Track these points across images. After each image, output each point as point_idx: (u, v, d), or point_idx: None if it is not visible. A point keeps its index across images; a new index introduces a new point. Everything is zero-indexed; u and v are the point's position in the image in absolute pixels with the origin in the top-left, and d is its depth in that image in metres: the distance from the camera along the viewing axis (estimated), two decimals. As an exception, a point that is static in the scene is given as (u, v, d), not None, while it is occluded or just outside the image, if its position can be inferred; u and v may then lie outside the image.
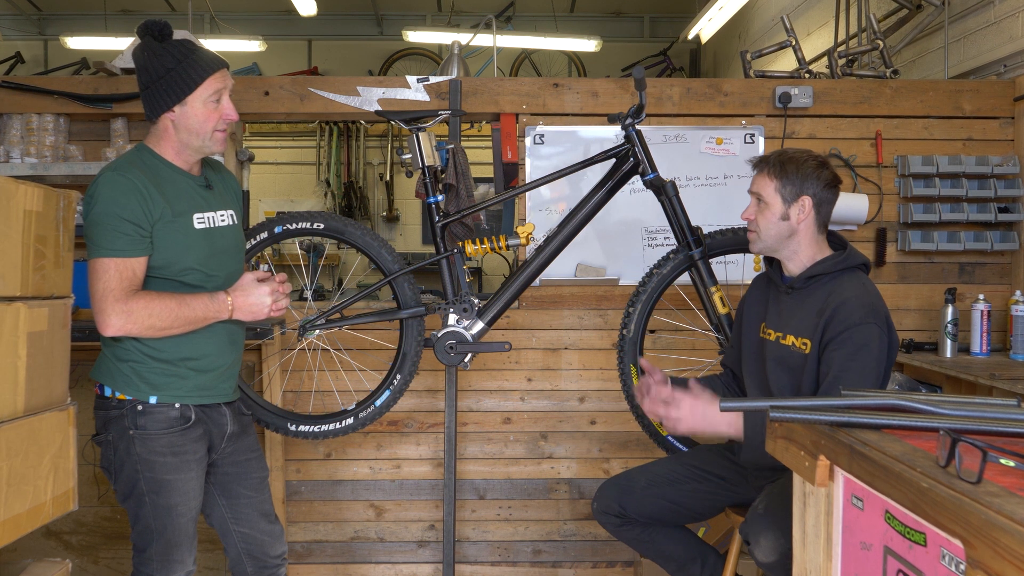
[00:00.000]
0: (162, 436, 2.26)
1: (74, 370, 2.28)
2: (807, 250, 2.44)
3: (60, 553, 3.53)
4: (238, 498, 2.49)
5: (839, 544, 1.50)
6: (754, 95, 3.68)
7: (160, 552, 2.30)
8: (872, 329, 2.25)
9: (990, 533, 1.04)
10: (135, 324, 2.17)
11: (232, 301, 2.29)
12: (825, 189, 2.41)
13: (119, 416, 2.26)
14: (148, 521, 2.29)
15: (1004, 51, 3.69)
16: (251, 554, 2.52)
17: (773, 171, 2.42)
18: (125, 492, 2.30)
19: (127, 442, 2.25)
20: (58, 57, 8.55)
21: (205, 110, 2.28)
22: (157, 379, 2.26)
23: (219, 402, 2.40)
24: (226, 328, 2.36)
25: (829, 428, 1.51)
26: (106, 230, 2.16)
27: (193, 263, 2.28)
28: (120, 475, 2.29)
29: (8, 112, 3.61)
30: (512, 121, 3.67)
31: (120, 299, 2.15)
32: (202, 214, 2.32)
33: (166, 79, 2.24)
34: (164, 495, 2.27)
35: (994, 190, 3.61)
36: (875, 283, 2.41)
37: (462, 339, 2.96)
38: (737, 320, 2.72)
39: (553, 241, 2.95)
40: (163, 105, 2.27)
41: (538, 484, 3.69)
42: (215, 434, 2.39)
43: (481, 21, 5.61)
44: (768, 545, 2.18)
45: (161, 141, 2.31)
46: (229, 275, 2.38)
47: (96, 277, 2.17)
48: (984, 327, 3.39)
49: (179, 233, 2.25)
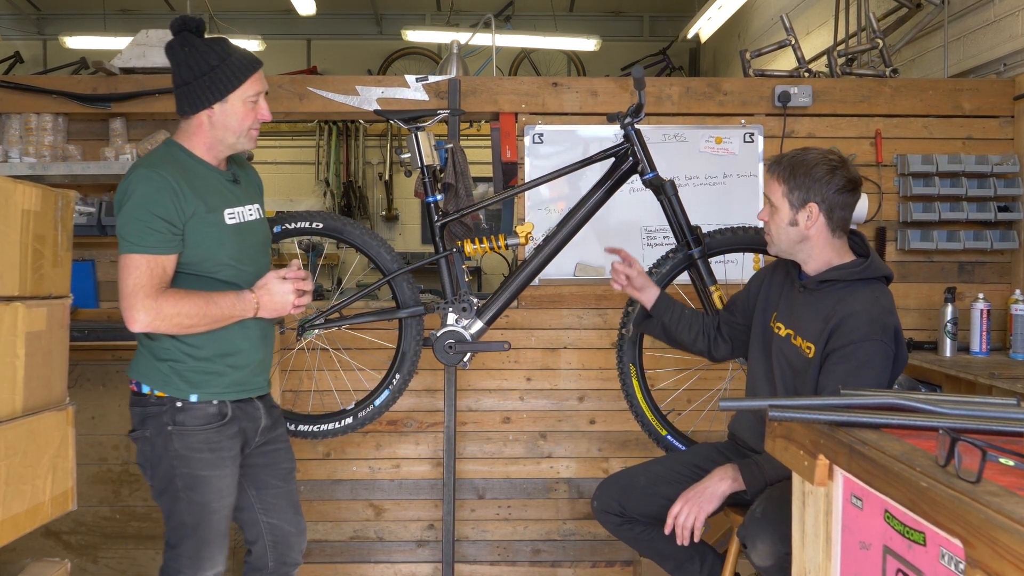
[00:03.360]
0: (199, 432, 2.27)
1: (73, 370, 2.28)
2: (822, 254, 2.38)
3: (59, 553, 3.53)
4: (267, 488, 2.50)
5: (838, 543, 1.50)
6: (753, 94, 3.67)
7: (192, 549, 2.31)
8: (877, 347, 2.22)
9: (989, 532, 1.04)
10: (163, 321, 2.18)
11: (258, 299, 2.30)
12: (837, 194, 2.32)
13: (158, 413, 2.26)
14: (182, 517, 2.29)
15: (1004, 50, 3.69)
16: (276, 547, 2.52)
17: (782, 175, 2.37)
18: (161, 488, 2.30)
19: (165, 438, 2.26)
20: (57, 57, 8.55)
21: (244, 109, 2.30)
22: (196, 377, 2.28)
23: (252, 396, 2.41)
24: (258, 324, 2.38)
25: (828, 427, 1.51)
26: (138, 227, 2.16)
27: (226, 258, 2.29)
28: (156, 471, 2.29)
29: (7, 112, 3.60)
30: (511, 120, 3.66)
31: (150, 296, 2.15)
32: (232, 209, 2.33)
33: (209, 76, 2.24)
34: (199, 491, 2.28)
35: (994, 189, 3.61)
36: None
37: (461, 338, 2.96)
38: (754, 288, 2.64)
39: (552, 240, 2.95)
40: (203, 102, 2.26)
41: (537, 483, 3.69)
42: (249, 429, 2.41)
43: (480, 20, 5.61)
44: (765, 550, 2.18)
45: (193, 137, 2.31)
46: (259, 269, 2.40)
47: (127, 273, 2.16)
48: (984, 326, 3.38)
49: (213, 229, 2.26)
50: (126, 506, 3.55)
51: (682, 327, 2.70)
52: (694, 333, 2.71)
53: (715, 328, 2.72)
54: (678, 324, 2.70)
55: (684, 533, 2.40)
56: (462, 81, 3.66)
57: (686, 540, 2.41)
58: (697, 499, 2.41)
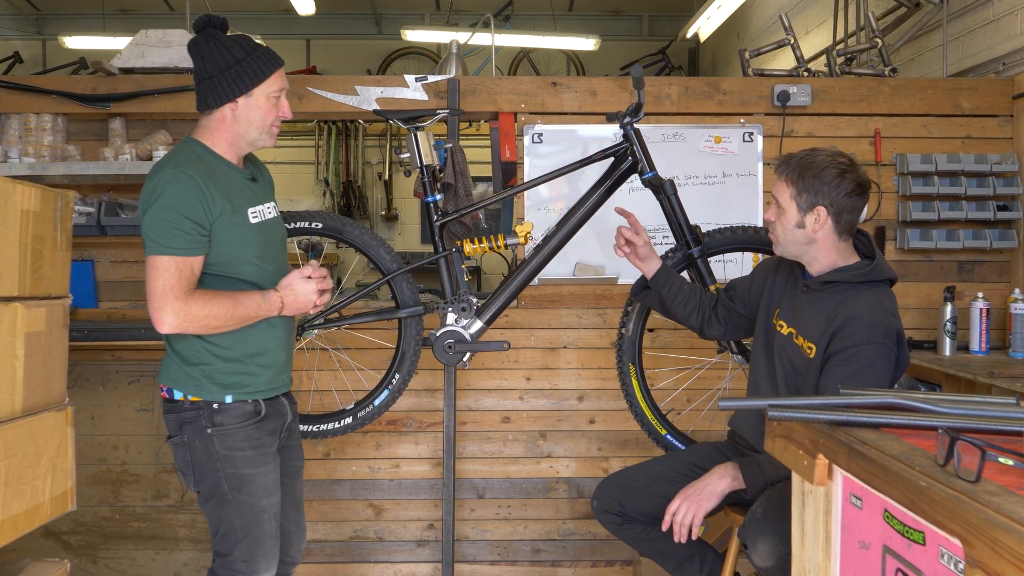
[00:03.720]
0: (240, 430, 2.27)
1: (72, 370, 2.28)
2: (827, 257, 2.37)
3: (59, 553, 3.53)
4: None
5: (838, 543, 1.50)
6: (753, 94, 3.67)
7: (245, 554, 2.27)
8: (878, 350, 2.21)
9: (989, 532, 1.04)
10: (192, 323, 2.16)
11: (283, 298, 2.30)
12: (847, 197, 2.29)
13: (194, 417, 2.25)
14: (232, 521, 2.26)
15: (1003, 49, 3.69)
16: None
17: (791, 177, 2.34)
18: (207, 494, 2.28)
19: (205, 441, 2.25)
20: (56, 57, 8.54)
21: (267, 104, 2.29)
22: (228, 379, 2.27)
23: (279, 394, 2.42)
24: (283, 323, 2.39)
25: (828, 427, 1.51)
26: (167, 228, 2.14)
27: (252, 258, 2.29)
28: (200, 476, 2.27)
29: (6, 112, 3.60)
30: (510, 120, 3.66)
31: (179, 298, 2.14)
32: (255, 208, 2.33)
33: (236, 68, 2.24)
34: (247, 491, 2.26)
35: (993, 188, 3.61)
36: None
37: (461, 338, 2.96)
38: (758, 282, 2.63)
39: (552, 240, 2.95)
40: (228, 95, 2.25)
41: (537, 483, 3.69)
42: (280, 427, 2.41)
43: (479, 20, 5.60)
44: (765, 550, 2.18)
45: (215, 133, 2.30)
46: (279, 267, 2.41)
47: (156, 275, 2.14)
48: (983, 325, 3.39)
49: (239, 229, 2.25)
50: (125, 506, 3.55)
51: (679, 301, 2.70)
52: (689, 308, 2.71)
53: (711, 307, 2.72)
54: (675, 298, 2.70)
55: (682, 530, 2.40)
56: (461, 81, 3.66)
57: (684, 537, 2.40)
58: (696, 496, 2.41)
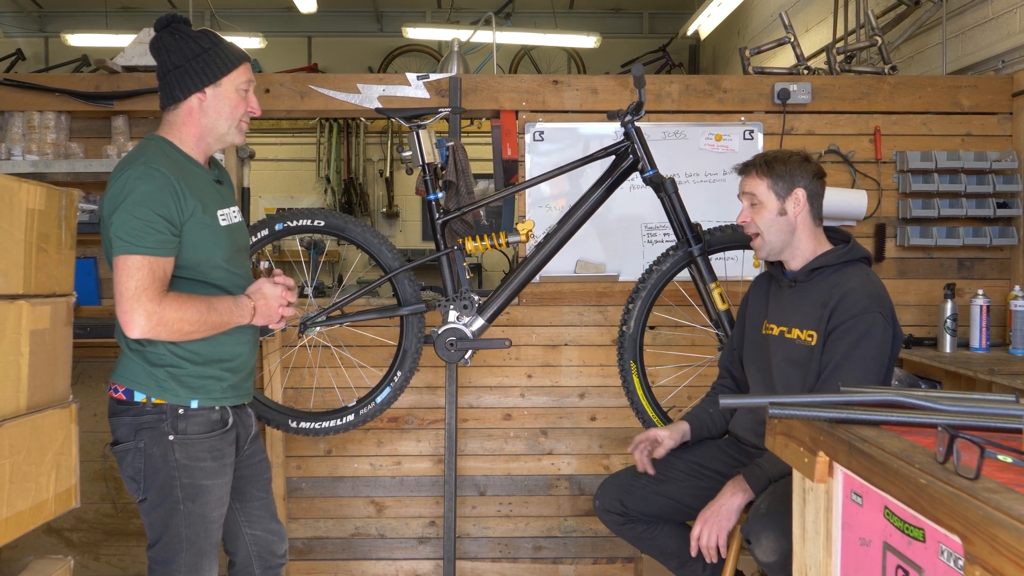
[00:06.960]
0: (204, 440, 2.18)
1: (75, 367, 2.28)
2: (808, 245, 2.49)
3: (62, 550, 3.54)
4: (251, 500, 2.43)
5: (838, 540, 1.51)
6: (753, 92, 3.68)
7: (189, 563, 2.20)
8: (876, 317, 2.30)
9: (988, 529, 1.04)
10: (164, 328, 2.06)
11: (255, 304, 2.23)
12: (814, 180, 2.48)
13: (155, 422, 2.15)
14: (179, 530, 2.17)
15: (1002, 47, 3.69)
16: (260, 555, 2.47)
17: (762, 171, 2.48)
18: (156, 502, 2.17)
19: (164, 448, 2.15)
20: (59, 54, 8.52)
21: (236, 96, 2.22)
22: (195, 382, 2.18)
23: (244, 402, 2.36)
24: (251, 329, 2.31)
25: (828, 424, 1.52)
26: (139, 226, 2.04)
27: (221, 261, 2.21)
28: (152, 483, 2.16)
29: (9, 110, 3.60)
30: (512, 118, 3.67)
31: (153, 300, 2.03)
32: (223, 210, 2.25)
33: (202, 58, 2.17)
34: (200, 502, 2.18)
35: (992, 185, 3.62)
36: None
37: (462, 336, 2.97)
38: (739, 321, 2.74)
39: (553, 238, 2.96)
40: (196, 84, 2.17)
41: (538, 480, 3.70)
42: (242, 436, 2.34)
43: (481, 18, 5.60)
44: (769, 545, 2.20)
45: (181, 129, 2.21)
46: (247, 274, 2.35)
47: (127, 275, 2.03)
48: (983, 322, 3.39)
49: (209, 230, 2.17)
50: (128, 503, 3.56)
51: (716, 426, 2.74)
52: (722, 420, 2.75)
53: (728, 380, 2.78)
54: (712, 429, 2.74)
55: (710, 553, 2.44)
56: (463, 79, 3.67)
57: (714, 558, 2.45)
58: (715, 518, 2.43)
